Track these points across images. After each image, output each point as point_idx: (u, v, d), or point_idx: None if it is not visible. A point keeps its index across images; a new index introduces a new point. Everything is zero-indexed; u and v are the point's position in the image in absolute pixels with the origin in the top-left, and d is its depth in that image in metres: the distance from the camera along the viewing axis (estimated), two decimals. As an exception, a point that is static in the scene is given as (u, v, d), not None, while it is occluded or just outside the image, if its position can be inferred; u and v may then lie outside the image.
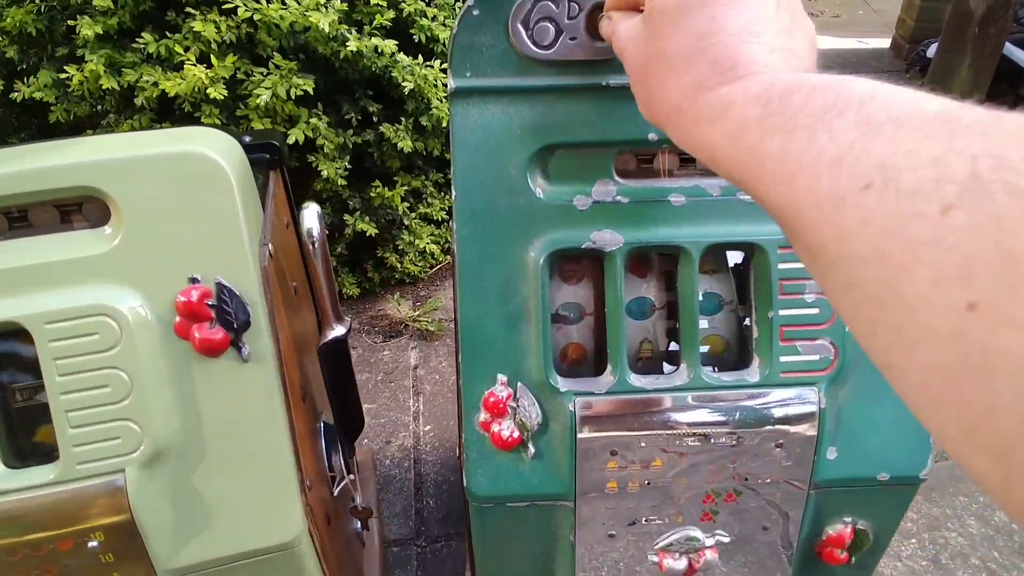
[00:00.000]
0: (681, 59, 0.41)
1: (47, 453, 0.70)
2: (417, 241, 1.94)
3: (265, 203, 0.88)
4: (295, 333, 0.90)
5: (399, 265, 2.06)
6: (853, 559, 0.88)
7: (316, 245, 0.80)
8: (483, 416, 0.77)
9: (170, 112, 1.60)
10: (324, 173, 1.61)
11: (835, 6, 6.87)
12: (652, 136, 0.76)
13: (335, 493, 0.99)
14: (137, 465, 0.68)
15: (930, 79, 3.40)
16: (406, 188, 1.86)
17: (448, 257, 2.29)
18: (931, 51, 3.47)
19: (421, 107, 1.69)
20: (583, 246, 0.76)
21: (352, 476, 0.99)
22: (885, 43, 5.30)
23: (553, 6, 0.71)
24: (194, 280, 0.70)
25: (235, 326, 0.71)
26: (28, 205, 0.69)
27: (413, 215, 1.96)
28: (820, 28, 4.68)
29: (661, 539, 0.83)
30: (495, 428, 0.77)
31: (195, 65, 1.43)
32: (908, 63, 4.08)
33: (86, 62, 1.49)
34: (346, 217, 1.81)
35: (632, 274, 0.83)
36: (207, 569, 0.74)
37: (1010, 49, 3.28)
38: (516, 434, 0.77)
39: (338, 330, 0.87)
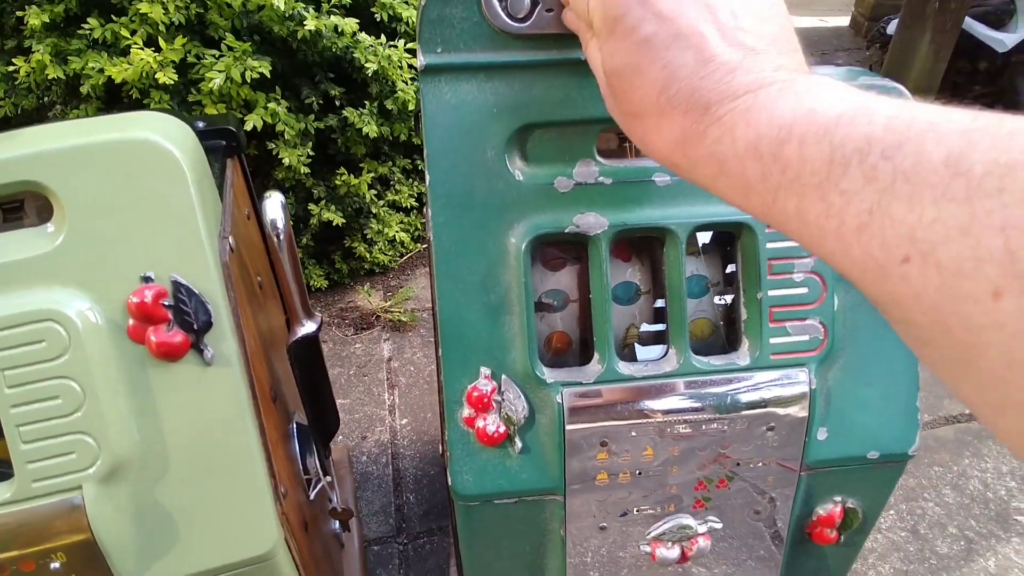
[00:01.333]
0: (654, 119, 0.39)
1: (3, 471, 0.64)
2: (386, 230, 1.88)
3: (223, 193, 0.82)
4: (262, 331, 0.84)
5: (368, 255, 2.00)
6: (842, 538, 0.88)
7: (281, 237, 0.75)
8: (467, 411, 0.74)
9: (117, 100, 1.51)
10: (286, 161, 1.54)
11: (794, -16, 6.92)
12: (634, 113, 0.72)
13: (311, 497, 0.95)
14: (95, 481, 0.63)
15: (890, 55, 3.44)
16: (373, 175, 1.80)
17: (419, 245, 2.23)
18: (891, 27, 3.51)
19: (385, 90, 1.63)
20: (566, 230, 0.72)
21: (328, 478, 0.95)
22: (845, 21, 5.37)
23: (528, -25, 0.67)
24: (147, 279, 0.64)
25: (195, 327, 0.66)
26: (-42, 203, 0.62)
27: (381, 203, 1.90)
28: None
29: (653, 529, 0.81)
30: (480, 424, 0.74)
31: (142, 49, 1.34)
32: (868, 40, 4.13)
33: (33, 52, 1.39)
34: (311, 207, 1.74)
35: (616, 258, 0.80)
36: (179, 589, 0.69)
37: (970, 23, 3.34)
38: (502, 429, 0.74)
39: (308, 327, 0.82)
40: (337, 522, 1.23)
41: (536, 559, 0.85)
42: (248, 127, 1.45)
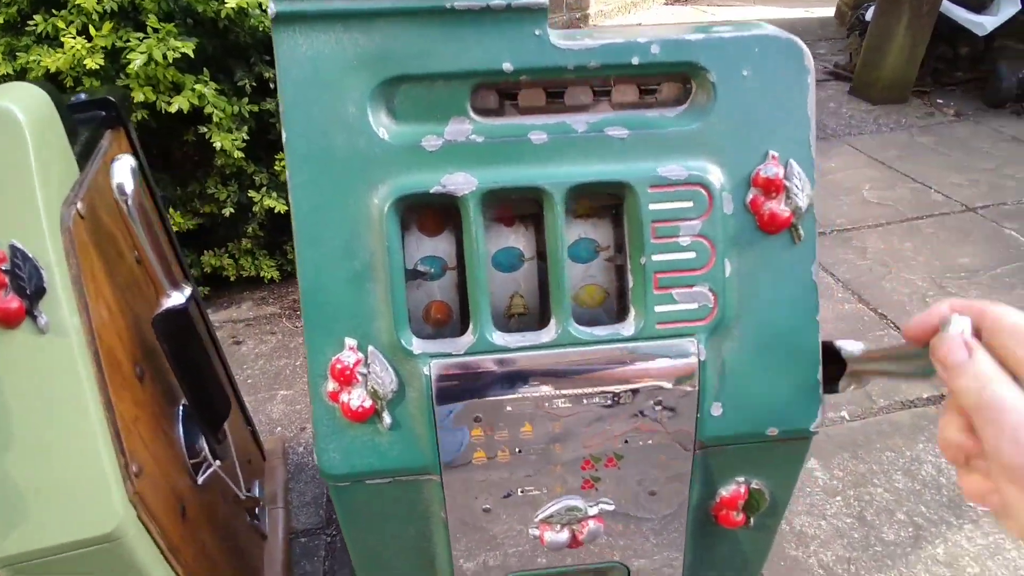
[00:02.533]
0: None
1: None
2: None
3: (89, 162, 0.78)
4: (131, 305, 0.80)
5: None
6: (752, 520, 0.83)
7: (130, 203, 0.70)
8: (331, 385, 0.69)
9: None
10: (218, 145, 1.49)
11: (784, -23, 6.87)
12: (507, 66, 0.68)
13: (200, 481, 0.90)
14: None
15: (868, 42, 3.39)
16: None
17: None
18: (870, 14, 3.45)
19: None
20: (432, 191, 0.68)
21: (219, 462, 0.91)
22: (830, 11, 5.32)
23: (380, -85, 0.62)
24: (-28, 243, 0.60)
25: (29, 291, 0.61)
26: None
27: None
28: (770, 0, 4.62)
29: (541, 511, 0.76)
30: (344, 398, 0.69)
31: (74, 38, 1.31)
32: (848, 28, 4.08)
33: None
34: (251, 194, 1.70)
35: (499, 223, 0.75)
36: (13, 564, 0.65)
37: (949, 7, 3.29)
38: (368, 404, 0.69)
39: (175, 298, 0.77)
40: (257, 517, 1.19)
41: (422, 544, 0.80)
42: (173, 109, 1.41)
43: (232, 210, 1.69)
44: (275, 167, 1.70)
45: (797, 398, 0.74)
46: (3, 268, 0.61)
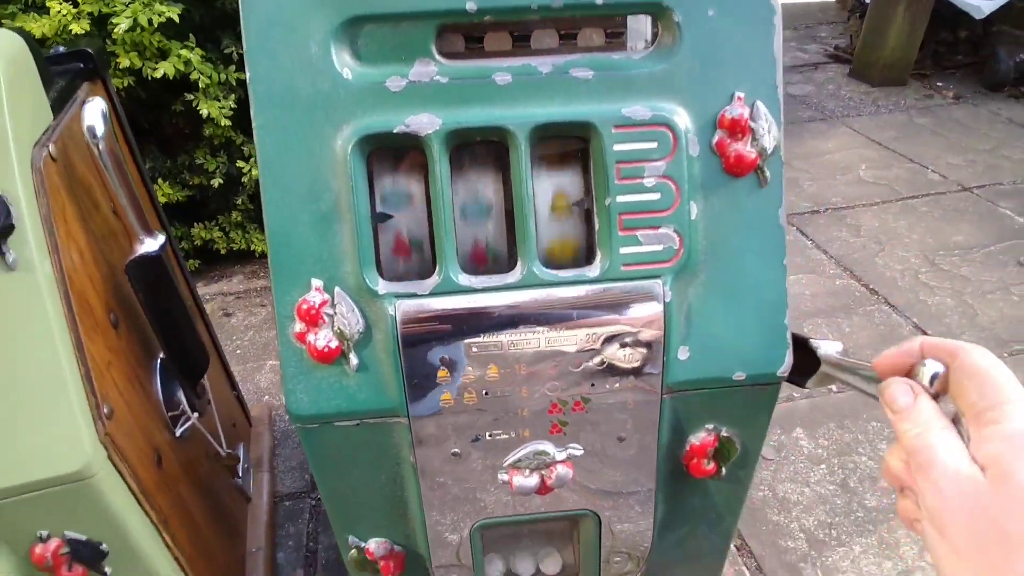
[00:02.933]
0: None
1: None
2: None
3: (64, 109, 0.79)
4: (104, 253, 0.81)
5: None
6: (723, 470, 0.84)
7: (101, 146, 0.71)
8: (298, 326, 0.70)
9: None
10: (204, 112, 1.50)
11: (787, -36, 6.81)
12: (471, 6, 0.68)
13: (179, 433, 0.91)
14: None
15: (867, 25, 3.37)
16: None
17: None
18: (870, -3, 3.43)
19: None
20: (396, 130, 0.68)
21: (197, 415, 0.91)
22: (832, -4, 5.26)
23: None
24: (-66, 177, 0.60)
25: (-10, 228, 0.62)
26: None
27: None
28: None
29: (510, 456, 0.77)
30: (311, 339, 0.70)
31: (61, 3, 1.31)
32: (849, 10, 4.05)
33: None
34: (240, 164, 1.70)
35: (473, 167, 0.75)
36: (-13, 504, 0.65)
37: (947, -9, 3.26)
38: (334, 344, 0.70)
39: (148, 244, 0.78)
40: (241, 472, 1.20)
41: (393, 490, 0.81)
42: (158, 75, 1.41)
43: (221, 180, 1.70)
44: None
45: (764, 342, 0.74)
46: (-29, 205, 0.62)
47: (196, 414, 0.92)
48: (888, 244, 2.11)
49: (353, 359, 0.70)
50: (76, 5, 1.38)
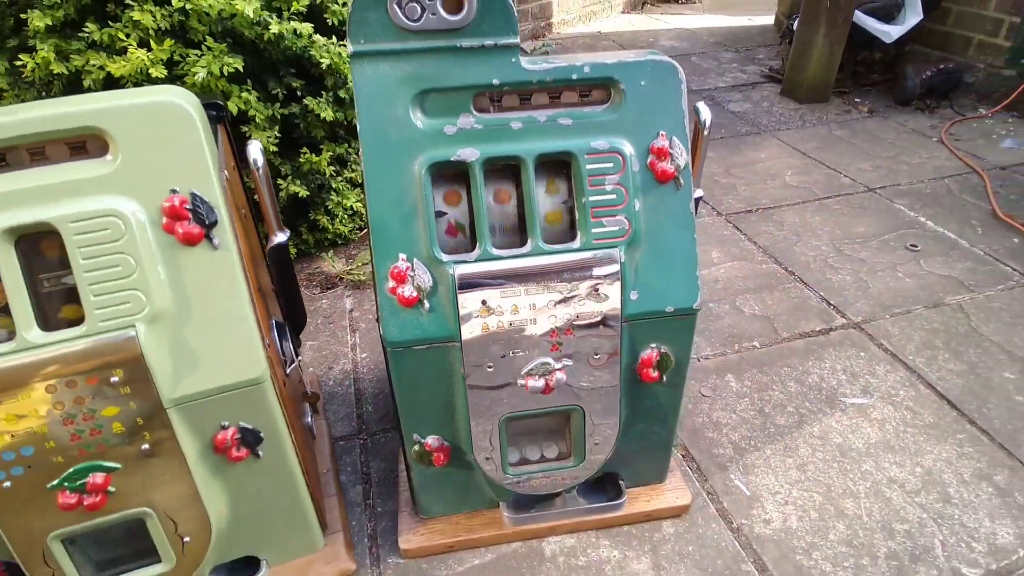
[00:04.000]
0: None
1: (74, 323, 0.98)
2: (344, 201, 2.23)
3: (217, 145, 1.17)
4: (247, 245, 1.19)
5: (330, 226, 2.34)
6: (664, 377, 1.26)
7: (260, 171, 1.10)
8: (391, 284, 1.10)
9: (116, 93, 1.83)
10: (257, 141, 1.88)
11: (732, -13, 7.42)
12: (495, 81, 1.09)
13: (287, 372, 1.30)
14: (144, 320, 0.97)
15: (794, 48, 3.90)
16: (331, 155, 2.14)
17: (375, 219, 2.59)
18: (796, 24, 3.96)
19: (339, 81, 1.98)
20: (451, 159, 1.09)
21: (299, 359, 1.30)
22: (771, 20, 5.86)
23: (417, -8, 1.03)
24: (174, 191, 0.99)
25: (206, 222, 1.01)
26: (45, 141, 0.96)
27: (339, 179, 2.24)
28: (718, 8, 5.18)
29: (525, 367, 1.18)
30: (400, 291, 1.10)
31: (138, 49, 1.67)
32: (781, 36, 4.60)
33: (37, 51, 1.70)
34: (279, 181, 2.08)
35: (497, 181, 1.16)
36: (200, 399, 1.03)
37: (860, 17, 3.80)
38: (414, 294, 1.10)
39: (280, 237, 1.17)
40: (309, 415, 1.57)
41: (447, 397, 1.21)
42: (226, 112, 1.78)
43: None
44: (299, 160, 2.08)
45: (683, 286, 1.17)
46: (187, 207, 1.00)
47: (299, 359, 1.31)
48: (804, 236, 2.59)
49: (426, 304, 1.11)
50: (150, 50, 1.74)
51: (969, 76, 3.84)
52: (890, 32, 3.82)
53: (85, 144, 0.98)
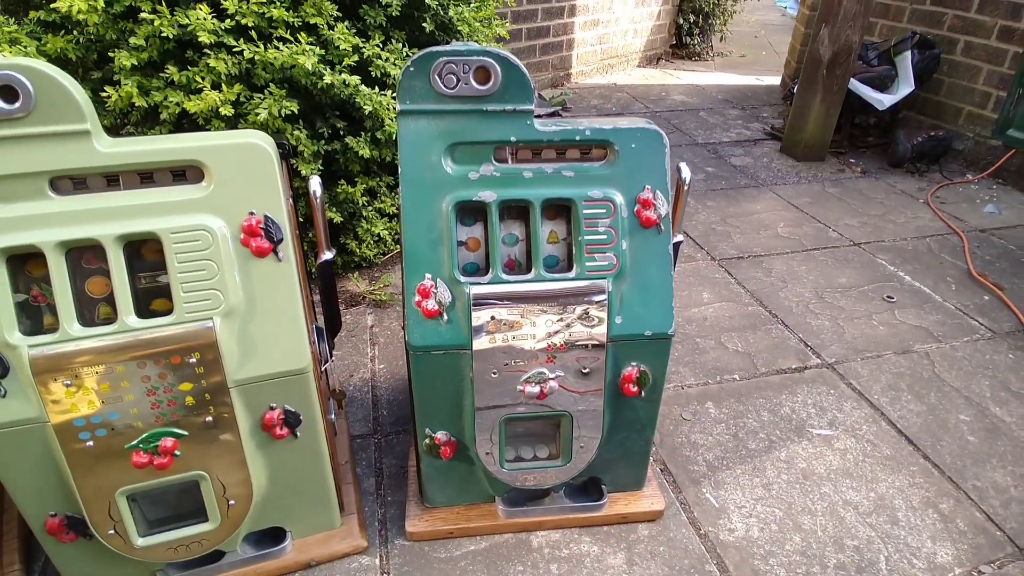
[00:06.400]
0: None
1: (162, 313, 1.22)
2: (373, 228, 2.49)
3: (280, 177, 1.43)
4: (299, 262, 1.43)
5: (358, 250, 2.60)
6: (643, 393, 1.47)
7: (318, 200, 1.35)
8: (417, 298, 1.33)
9: (183, 127, 2.12)
10: (303, 173, 2.15)
11: (744, 48, 7.81)
12: (512, 138, 1.35)
13: (323, 370, 1.52)
14: (220, 314, 1.21)
15: (793, 110, 4.18)
16: (364, 187, 2.41)
17: (398, 246, 2.84)
18: (796, 88, 4.25)
19: (376, 124, 2.26)
20: (473, 199, 1.33)
21: (332, 361, 1.53)
22: (777, 80, 6.19)
23: (455, 66, 1.29)
24: (252, 213, 1.24)
25: (275, 240, 1.25)
26: (152, 169, 1.22)
27: (370, 209, 2.51)
28: (728, 67, 5.56)
29: (524, 375, 1.40)
30: (424, 304, 1.33)
31: (211, 90, 1.96)
32: (783, 98, 4.90)
33: (122, 85, 1.99)
34: (318, 207, 2.34)
35: (509, 218, 1.40)
36: (257, 382, 1.26)
37: (855, 85, 4.09)
38: (436, 307, 1.33)
39: (327, 255, 1.41)
40: (333, 411, 1.79)
41: (457, 397, 1.43)
42: (279, 146, 2.06)
43: (301, 219, 2.34)
44: (336, 190, 2.35)
45: (660, 314, 1.39)
46: (261, 227, 1.25)
47: (332, 360, 1.54)
48: (790, 282, 2.81)
49: (445, 316, 1.34)
50: (220, 90, 2.03)
51: (958, 144, 4.10)
52: (883, 100, 4.10)
53: (185, 172, 1.24)
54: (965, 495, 1.78)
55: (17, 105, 1.09)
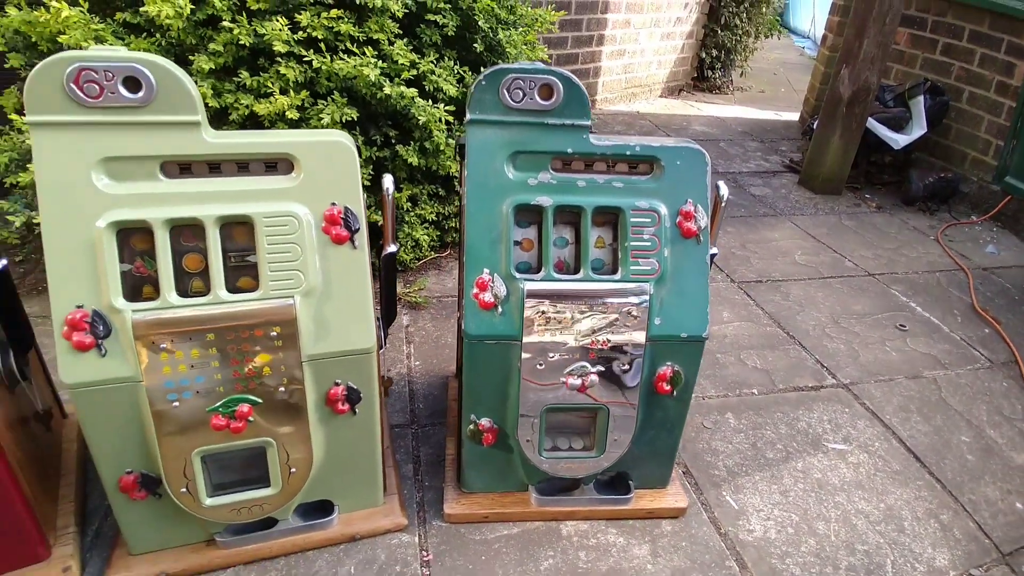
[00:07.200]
0: None
1: (247, 290, 1.34)
2: (413, 233, 2.62)
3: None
4: (367, 250, 1.56)
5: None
6: (675, 392, 1.58)
7: (389, 197, 1.48)
8: (475, 290, 1.45)
9: (251, 127, 2.27)
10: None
11: (763, 83, 8.01)
12: (569, 150, 1.48)
13: (379, 354, 1.64)
14: (301, 293, 1.33)
15: (812, 146, 4.33)
16: (409, 193, 2.55)
17: (433, 253, 2.97)
18: (816, 124, 4.40)
19: (425, 135, 2.40)
20: (532, 203, 1.46)
21: (386, 347, 1.64)
22: (796, 116, 6.35)
23: (522, 82, 1.43)
24: (334, 204, 1.37)
25: (352, 229, 1.38)
26: (249, 159, 1.35)
27: (412, 214, 2.64)
28: (748, 101, 5.70)
29: (567, 368, 1.51)
30: (481, 297, 1.45)
31: (280, 95, 2.11)
32: (803, 133, 5.05)
33: (198, 86, 2.14)
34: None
35: (560, 223, 1.53)
36: (327, 358, 1.38)
37: (873, 124, 4.24)
38: (491, 300, 1.45)
39: (392, 247, 1.54)
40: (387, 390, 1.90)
41: (504, 386, 1.54)
42: (337, 150, 2.20)
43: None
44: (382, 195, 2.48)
45: (695, 318, 1.51)
46: (341, 216, 1.38)
47: (386, 346, 1.65)
48: (807, 307, 2.92)
49: (500, 309, 1.46)
50: (287, 96, 2.17)
51: (964, 187, 4.23)
52: (898, 140, 4.25)
53: (277, 164, 1.37)
54: (962, 507, 1.88)
55: (140, 95, 1.23)
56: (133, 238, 1.31)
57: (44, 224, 1.21)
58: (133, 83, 1.23)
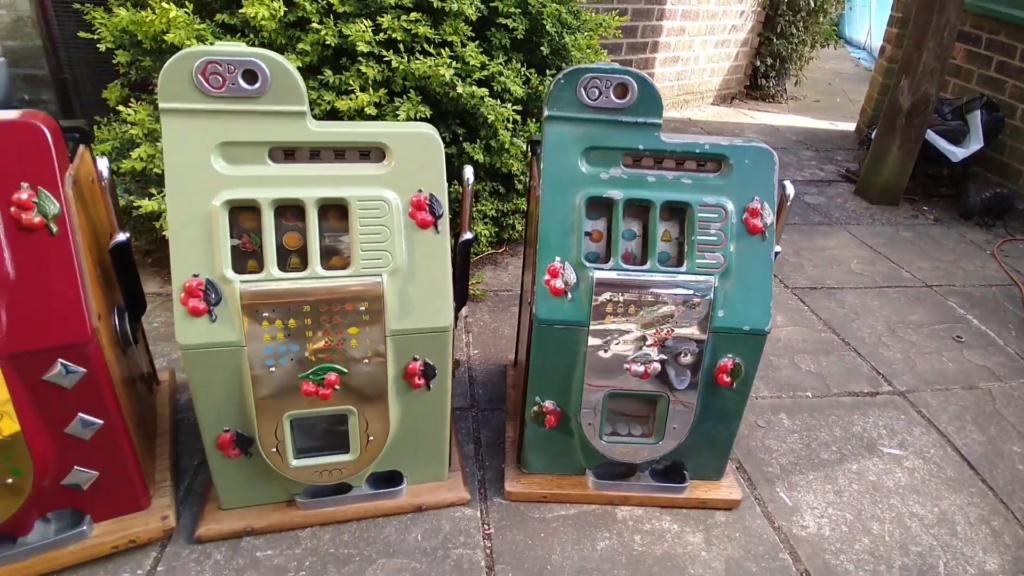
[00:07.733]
0: None
1: (338, 268, 1.45)
2: (473, 227, 2.72)
3: (435, 167, 1.67)
4: (444, 236, 1.66)
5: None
6: (734, 384, 1.63)
7: (469, 186, 1.58)
8: (547, 277, 1.54)
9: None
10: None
11: (818, 93, 7.91)
12: (640, 147, 1.55)
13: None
14: (388, 272, 1.44)
15: (870, 156, 4.29)
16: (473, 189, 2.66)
17: (490, 248, 3.07)
18: (874, 134, 4.36)
19: (491, 133, 2.51)
20: (603, 196, 1.54)
21: (457, 328, 1.74)
22: (851, 126, 6.26)
23: (599, 81, 1.51)
24: (420, 191, 1.47)
25: (436, 215, 1.48)
26: (346, 147, 1.47)
27: (473, 210, 2.75)
28: (802, 110, 5.69)
29: (631, 354, 1.58)
30: (552, 283, 1.53)
31: (360, 92, 2.24)
32: (860, 143, 4.99)
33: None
34: (430, 204, 2.59)
35: (628, 216, 1.60)
36: (408, 334, 1.48)
37: (931, 136, 4.18)
38: (562, 286, 1.53)
39: (468, 235, 1.64)
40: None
41: (569, 369, 1.61)
42: (409, 145, 2.32)
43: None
44: (459, 184, 2.59)
45: (758, 312, 1.56)
46: (427, 203, 1.48)
47: (456, 327, 1.75)
48: (863, 315, 2.91)
49: (569, 295, 1.54)
50: (367, 93, 2.30)
51: (1019, 203, 4.13)
52: (956, 153, 4.18)
53: (370, 153, 1.48)
54: (1012, 515, 1.87)
55: (256, 86, 1.36)
56: (241, 216, 1.44)
57: (169, 200, 1.35)
58: (251, 75, 1.35)
